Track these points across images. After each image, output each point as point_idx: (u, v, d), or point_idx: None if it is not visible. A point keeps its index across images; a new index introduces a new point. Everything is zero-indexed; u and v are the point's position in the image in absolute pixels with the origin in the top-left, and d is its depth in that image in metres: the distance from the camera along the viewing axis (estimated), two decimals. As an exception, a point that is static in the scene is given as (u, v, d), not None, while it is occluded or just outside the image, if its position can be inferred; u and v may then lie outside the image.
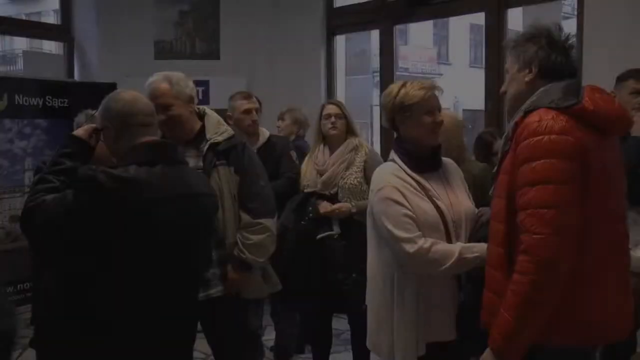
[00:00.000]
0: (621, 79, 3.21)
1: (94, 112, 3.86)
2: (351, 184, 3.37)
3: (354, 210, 3.31)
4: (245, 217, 2.83)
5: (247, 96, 3.98)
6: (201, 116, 2.92)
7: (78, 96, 5.13)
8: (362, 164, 3.42)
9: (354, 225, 3.25)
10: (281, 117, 4.81)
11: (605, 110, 1.83)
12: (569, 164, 1.74)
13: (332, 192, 3.38)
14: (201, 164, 2.78)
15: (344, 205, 3.32)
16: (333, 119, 3.50)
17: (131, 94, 2.20)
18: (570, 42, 1.99)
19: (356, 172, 3.40)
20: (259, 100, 4.19)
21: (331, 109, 3.55)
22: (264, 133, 3.98)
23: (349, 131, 3.54)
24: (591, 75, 4.06)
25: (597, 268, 1.82)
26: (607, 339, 1.97)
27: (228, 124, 3.11)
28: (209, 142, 2.80)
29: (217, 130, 2.85)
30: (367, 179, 3.32)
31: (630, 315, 1.98)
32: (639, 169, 2.83)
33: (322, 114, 3.57)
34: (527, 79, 1.98)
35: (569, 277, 1.76)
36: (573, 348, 1.86)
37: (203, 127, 2.87)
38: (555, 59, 1.94)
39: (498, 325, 1.82)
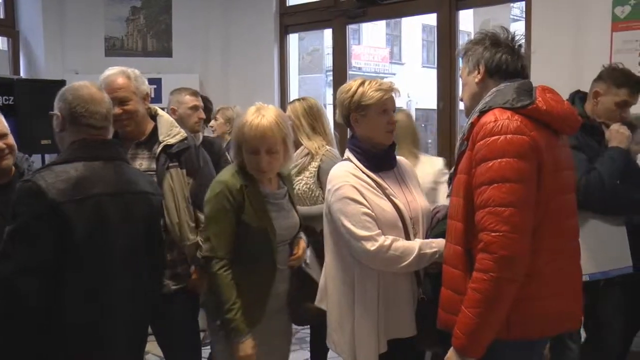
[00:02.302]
0: (614, 81, 2.89)
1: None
2: (299, 189, 3.31)
3: None
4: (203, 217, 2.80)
5: (195, 93, 3.99)
6: (152, 116, 2.88)
7: (24, 94, 4.97)
8: (316, 169, 3.34)
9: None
10: (214, 117, 4.80)
11: (557, 110, 1.89)
12: (525, 163, 1.78)
13: None
14: (154, 165, 2.73)
15: None
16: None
17: (91, 92, 2.15)
18: (516, 40, 2.05)
19: (308, 177, 3.32)
20: (209, 100, 4.17)
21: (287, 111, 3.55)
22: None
23: (306, 135, 3.50)
24: (539, 75, 4.16)
25: (551, 262, 1.88)
26: (562, 330, 2.04)
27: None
28: (162, 144, 2.76)
29: (170, 132, 2.80)
30: (321, 183, 3.26)
31: (581, 306, 2.05)
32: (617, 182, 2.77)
33: None
34: (476, 80, 2.04)
35: (525, 274, 1.80)
36: (529, 340, 1.92)
37: (155, 128, 2.83)
38: (500, 57, 2.00)
39: (460, 323, 1.85)
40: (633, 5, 4.07)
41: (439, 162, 3.77)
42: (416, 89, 23.16)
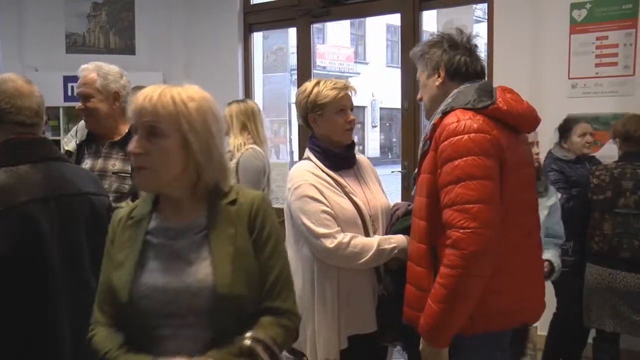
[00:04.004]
0: None
1: None
2: None
3: None
4: None
5: None
6: None
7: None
8: (235, 165, 3.47)
9: None
10: None
11: (517, 110, 1.93)
12: (489, 160, 1.82)
13: None
14: (128, 167, 2.69)
15: None
16: None
17: (17, 85, 1.90)
18: (472, 42, 2.09)
19: None
20: None
21: None
22: None
23: (234, 134, 3.61)
24: (500, 75, 4.26)
25: (513, 257, 1.92)
26: (525, 322, 2.08)
27: None
28: None
29: None
30: (239, 179, 3.52)
31: (543, 298, 2.11)
32: None
33: None
34: (437, 83, 2.07)
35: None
36: (494, 333, 1.96)
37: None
38: (459, 60, 2.04)
39: (426, 316, 1.88)
40: (589, 9, 4.18)
41: None
42: (380, 89, 23.39)
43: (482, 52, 2.12)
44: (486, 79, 2.11)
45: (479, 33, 2.15)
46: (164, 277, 1.49)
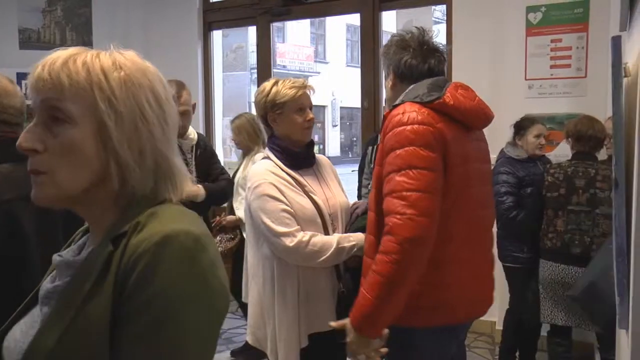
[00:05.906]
0: None
1: None
2: None
3: None
4: None
5: None
6: None
7: None
8: None
9: None
10: None
11: (465, 106, 1.96)
12: (431, 152, 1.84)
13: None
14: None
15: None
16: None
17: (2, 85, 1.91)
18: (422, 40, 2.08)
19: None
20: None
21: None
22: (192, 131, 3.68)
23: None
24: (460, 75, 4.33)
25: (461, 252, 1.95)
26: (472, 316, 2.12)
27: None
28: None
29: None
30: None
31: (492, 293, 2.15)
32: None
33: None
34: (389, 85, 2.13)
35: (435, 261, 1.85)
36: (442, 327, 1.99)
37: None
38: (405, 62, 2.06)
39: (358, 304, 1.87)
40: (544, 12, 4.28)
41: None
42: (340, 88, 23.51)
43: (440, 49, 2.11)
44: (445, 75, 2.14)
45: (435, 31, 2.17)
46: (21, 335, 1.02)
